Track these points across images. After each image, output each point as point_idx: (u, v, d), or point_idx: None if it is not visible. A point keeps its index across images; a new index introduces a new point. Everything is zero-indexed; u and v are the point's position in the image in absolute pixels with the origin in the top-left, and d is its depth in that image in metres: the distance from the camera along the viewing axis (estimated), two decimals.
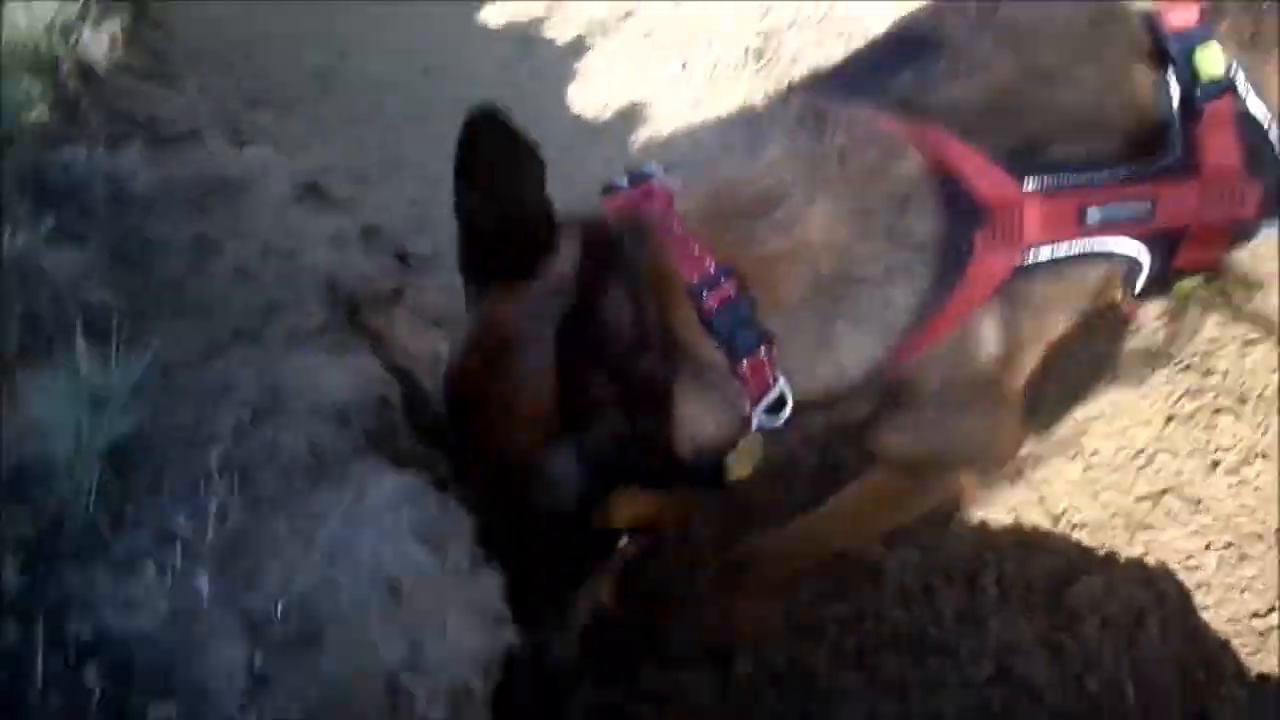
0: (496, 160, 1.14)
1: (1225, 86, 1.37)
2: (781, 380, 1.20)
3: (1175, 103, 1.37)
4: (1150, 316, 1.98)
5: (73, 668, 0.90)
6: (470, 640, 1.04)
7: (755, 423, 1.23)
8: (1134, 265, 1.38)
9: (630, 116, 3.24)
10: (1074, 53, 1.36)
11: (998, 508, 1.87)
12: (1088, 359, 1.96)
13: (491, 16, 3.84)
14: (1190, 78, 1.36)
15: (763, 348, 1.18)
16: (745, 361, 1.18)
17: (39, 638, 0.91)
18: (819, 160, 1.23)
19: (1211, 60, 1.37)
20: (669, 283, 1.17)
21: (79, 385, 1.06)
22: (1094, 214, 1.28)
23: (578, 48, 3.61)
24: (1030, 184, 1.25)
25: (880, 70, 1.39)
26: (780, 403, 1.21)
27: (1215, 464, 1.84)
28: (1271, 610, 1.68)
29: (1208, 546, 1.76)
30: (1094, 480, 1.89)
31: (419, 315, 1.90)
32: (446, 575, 1.05)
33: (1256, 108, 1.39)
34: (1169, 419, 1.91)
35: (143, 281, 1.30)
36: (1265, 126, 1.40)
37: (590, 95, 3.37)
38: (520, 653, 1.15)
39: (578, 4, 3.82)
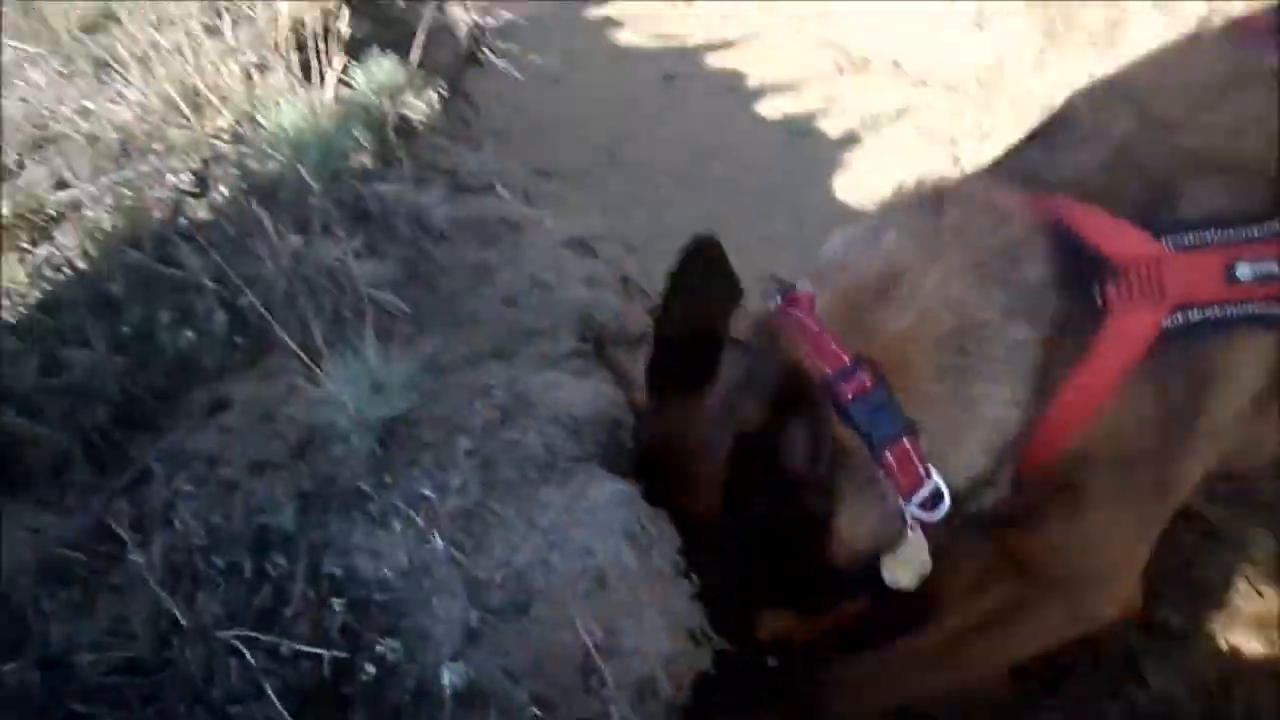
0: (703, 286, 1.23)
1: None
2: (935, 473, 1.18)
3: None
4: None
5: (323, 599, 1.05)
6: (663, 642, 1.10)
7: (909, 519, 1.20)
8: None
9: None
10: (1197, 103, 1.27)
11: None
12: None
13: (767, 108, 4.00)
14: None
15: (905, 438, 1.16)
16: (888, 452, 1.16)
17: (300, 571, 1.07)
18: (933, 236, 1.23)
19: None
20: (807, 382, 1.17)
21: (365, 372, 1.23)
22: (1244, 270, 1.17)
23: (850, 140, 3.70)
24: (1167, 240, 1.18)
25: (1013, 157, 1.38)
26: (936, 496, 1.18)
27: None
28: None
29: None
30: None
31: None
32: (649, 578, 1.12)
33: None
34: None
35: (427, 295, 1.49)
36: None
37: (858, 187, 3.42)
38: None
39: (855, 98, 3.92)
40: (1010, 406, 1.19)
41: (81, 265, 1.49)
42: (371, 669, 0.98)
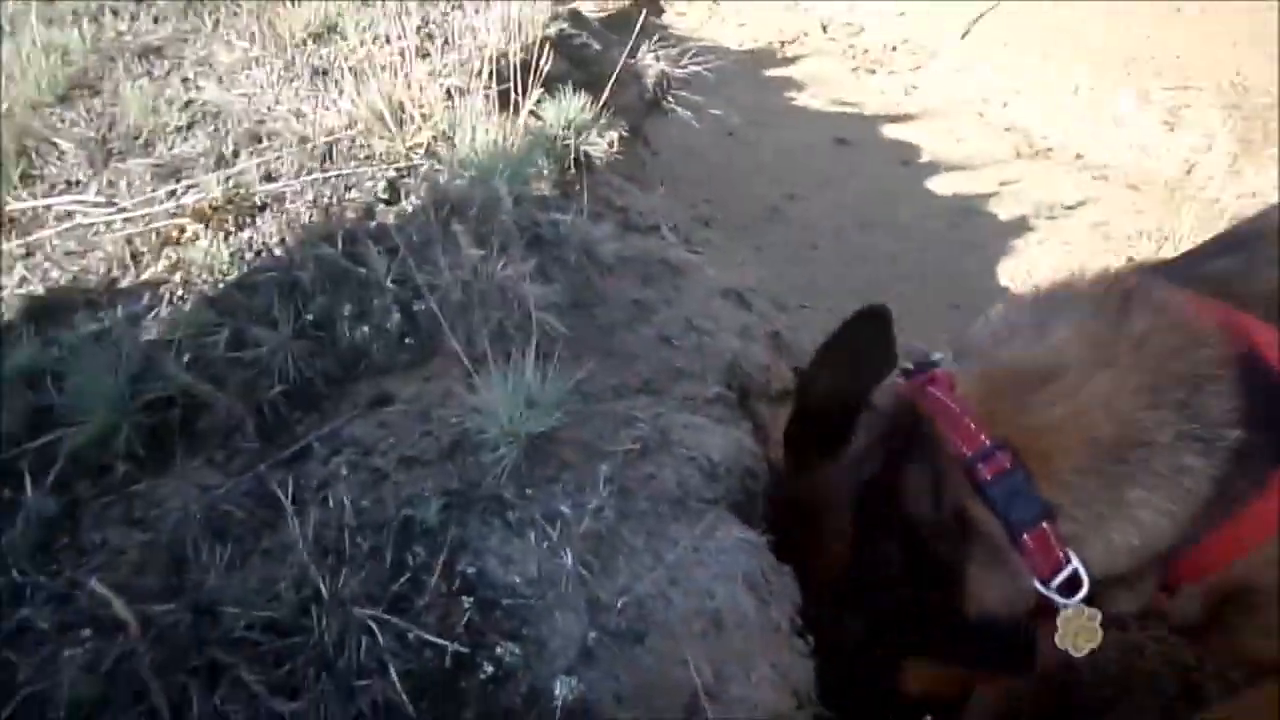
0: (859, 353, 1.24)
1: None
2: (1074, 558, 1.16)
3: None
4: None
5: (454, 595, 1.10)
6: (769, 696, 1.10)
7: (1052, 600, 1.18)
8: None
9: None
10: None
11: None
12: None
13: (940, 185, 3.97)
14: None
15: (1044, 522, 1.15)
16: (1026, 535, 1.16)
17: (437, 565, 1.13)
18: (1110, 342, 1.20)
19: None
20: (944, 457, 1.18)
21: (521, 386, 1.29)
22: None
23: (1020, 226, 3.63)
24: None
25: (1203, 259, 1.35)
26: (1075, 582, 1.17)
27: None
28: None
29: None
30: None
31: None
32: (764, 630, 1.14)
33: None
34: None
35: (587, 324, 1.55)
36: None
37: (1023, 275, 3.36)
38: None
39: (1031, 185, 3.86)
40: (1165, 518, 1.16)
41: (278, 253, 1.61)
42: (490, 668, 1.03)
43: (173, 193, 1.86)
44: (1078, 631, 1.19)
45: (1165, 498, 1.15)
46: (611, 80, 2.12)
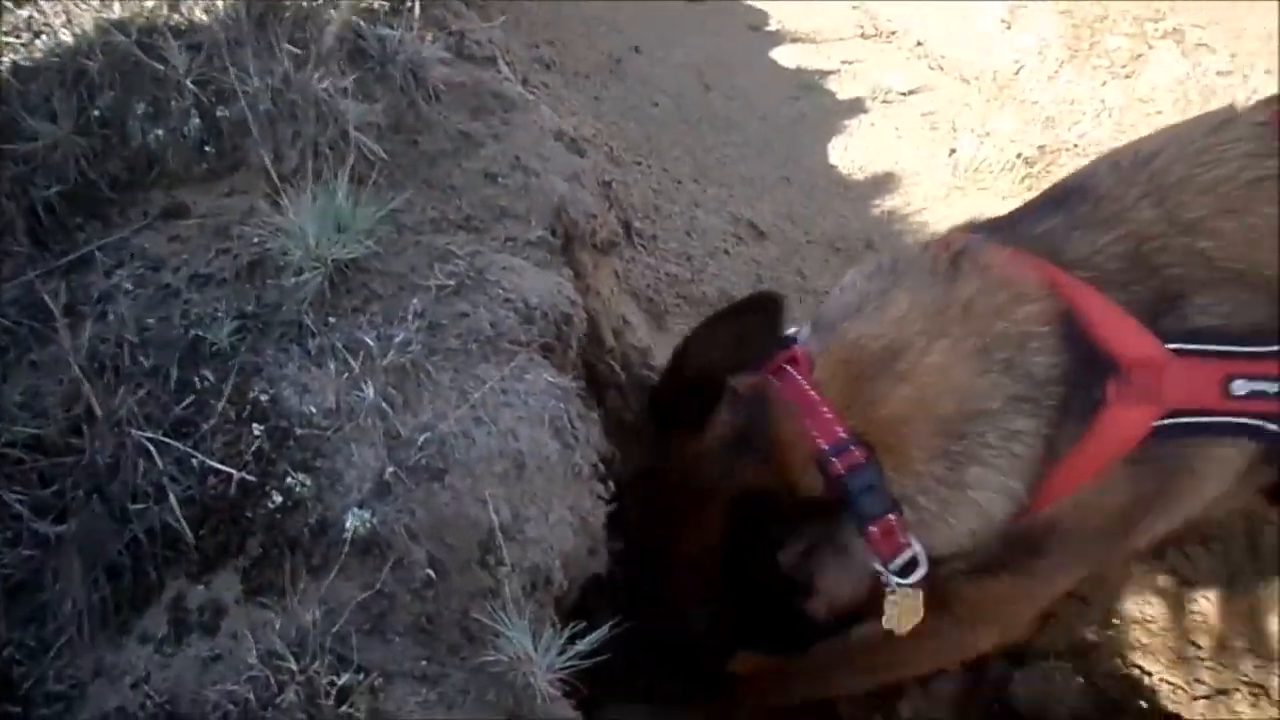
0: (747, 337, 1.29)
1: None
2: (915, 544, 1.22)
3: None
4: None
5: (242, 420, 1.04)
6: (565, 539, 1.11)
7: (888, 581, 1.24)
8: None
9: (881, 184, 3.28)
10: (1220, 205, 1.26)
11: None
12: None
13: (784, 56, 3.96)
14: None
15: (891, 514, 1.20)
16: (873, 526, 1.21)
17: (226, 390, 1.06)
18: (944, 308, 1.24)
19: None
20: (800, 452, 1.23)
21: (331, 209, 1.22)
22: (1239, 385, 1.20)
23: (856, 107, 3.67)
24: (1172, 346, 1.20)
25: (1031, 217, 1.37)
26: (912, 564, 1.23)
27: None
28: None
29: None
30: None
31: (622, 279, 2.02)
32: (565, 474, 1.14)
33: None
34: None
35: (408, 150, 1.46)
36: None
37: (850, 153, 3.42)
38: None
39: (871, 67, 3.90)
40: (1001, 495, 1.21)
41: (63, 36, 1.43)
42: (278, 499, 0.99)
43: None
44: (904, 612, 1.25)
45: (1000, 471, 1.20)
46: None
